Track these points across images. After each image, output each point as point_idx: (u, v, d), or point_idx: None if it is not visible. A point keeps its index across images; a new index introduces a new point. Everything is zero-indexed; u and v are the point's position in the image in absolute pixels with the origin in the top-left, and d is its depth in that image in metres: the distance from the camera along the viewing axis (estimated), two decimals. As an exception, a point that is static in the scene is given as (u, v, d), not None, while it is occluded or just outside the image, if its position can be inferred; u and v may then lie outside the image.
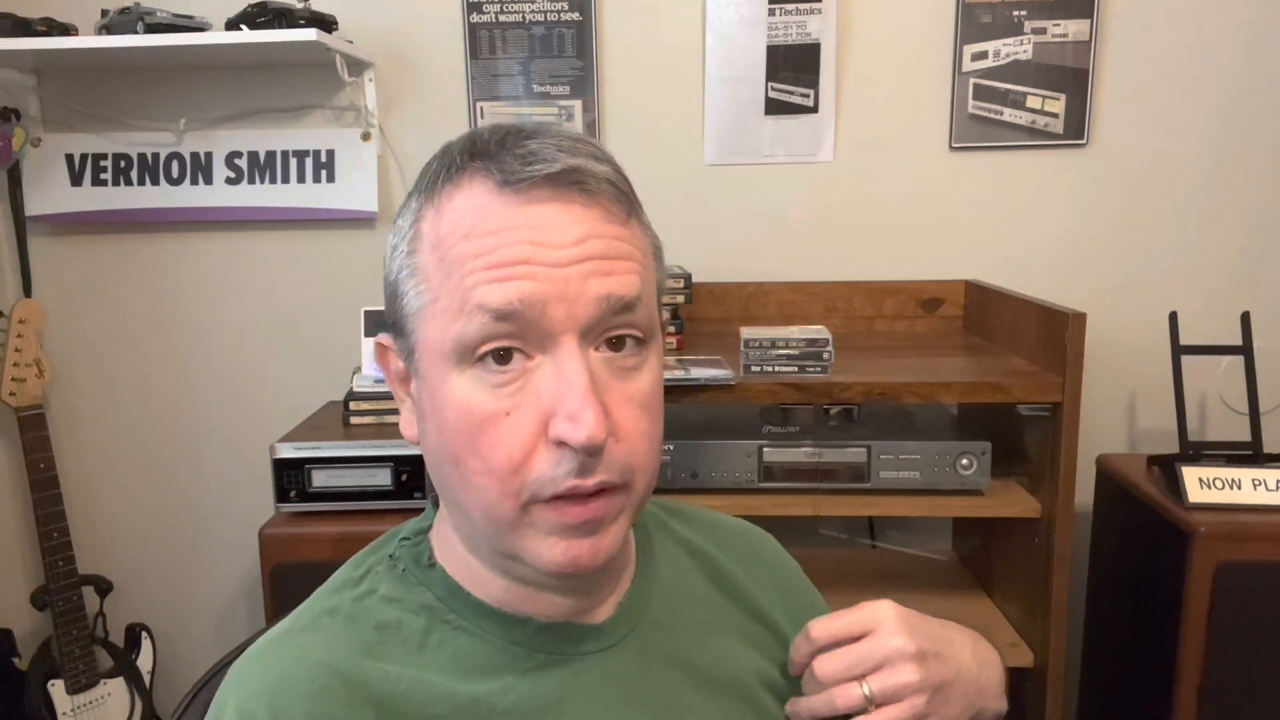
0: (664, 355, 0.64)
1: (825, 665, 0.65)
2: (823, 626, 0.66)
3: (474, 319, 0.54)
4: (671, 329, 1.69)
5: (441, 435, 0.58)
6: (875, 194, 1.93)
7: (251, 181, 1.95)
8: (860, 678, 0.64)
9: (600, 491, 0.56)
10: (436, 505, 0.67)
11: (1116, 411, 1.96)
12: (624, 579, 0.68)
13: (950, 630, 0.68)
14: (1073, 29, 1.84)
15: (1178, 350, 1.63)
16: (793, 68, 1.88)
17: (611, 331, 0.57)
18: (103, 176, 1.95)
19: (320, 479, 1.54)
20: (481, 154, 0.57)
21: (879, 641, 0.64)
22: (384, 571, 0.65)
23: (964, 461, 1.50)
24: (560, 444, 0.54)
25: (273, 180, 1.95)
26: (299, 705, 0.55)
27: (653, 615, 0.67)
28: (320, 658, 0.58)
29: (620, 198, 0.58)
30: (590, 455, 0.54)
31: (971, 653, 0.67)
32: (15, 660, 1.94)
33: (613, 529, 0.59)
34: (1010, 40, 1.85)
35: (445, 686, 0.59)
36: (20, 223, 1.97)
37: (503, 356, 0.55)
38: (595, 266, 0.55)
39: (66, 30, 1.73)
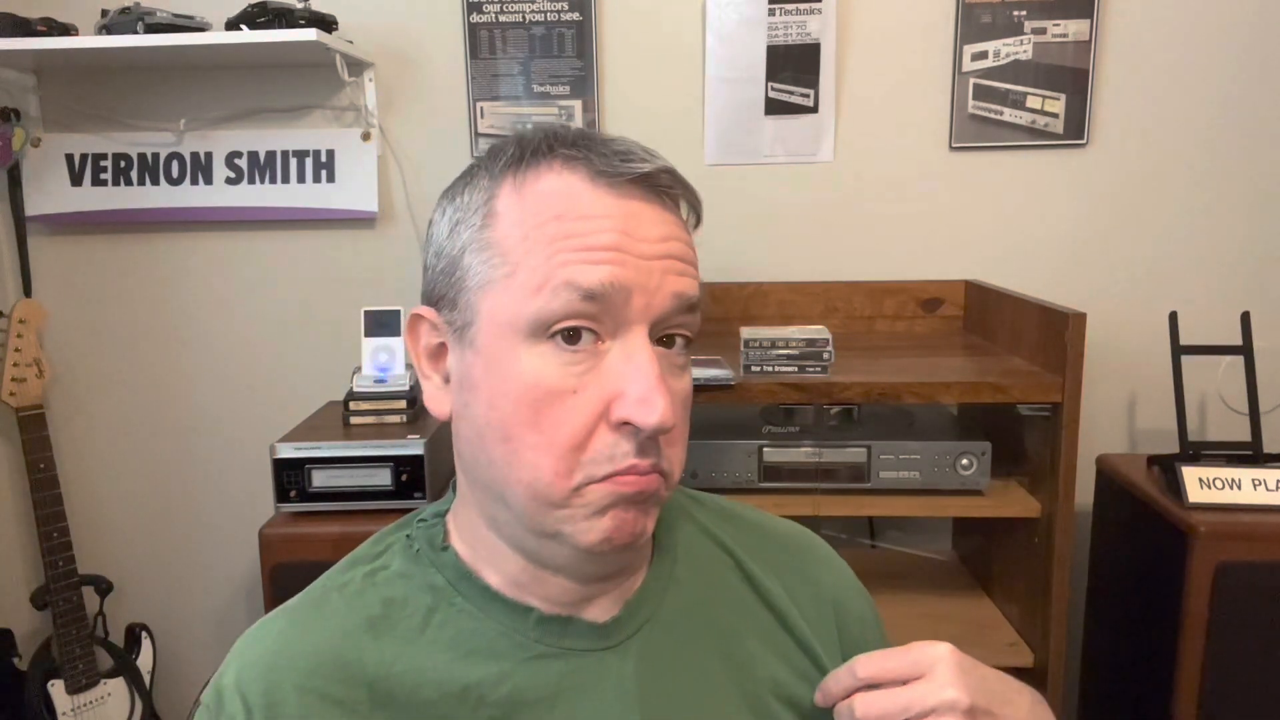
0: None
1: (867, 705, 0.60)
2: (871, 665, 0.61)
3: (559, 295, 0.56)
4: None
5: (495, 409, 0.58)
6: (875, 194, 1.93)
7: (251, 181, 1.95)
8: None
9: (652, 473, 0.58)
10: (455, 490, 0.68)
11: (1116, 411, 1.97)
12: (635, 578, 0.67)
13: (1009, 687, 0.62)
14: (1073, 29, 1.84)
15: (1178, 350, 1.63)
16: (793, 68, 1.88)
17: (671, 329, 0.60)
18: (103, 176, 1.95)
19: (320, 479, 1.54)
20: (569, 145, 0.60)
21: (930, 689, 0.58)
22: (399, 550, 0.67)
23: (964, 461, 1.50)
24: (622, 426, 0.56)
25: (273, 180, 1.95)
26: (292, 679, 0.59)
27: (663, 617, 0.67)
28: (320, 634, 0.61)
29: (695, 207, 0.63)
30: (653, 439, 0.57)
31: (1028, 715, 0.61)
32: (15, 660, 1.94)
33: (654, 512, 0.61)
34: (1010, 40, 1.85)
35: (440, 671, 0.60)
36: (20, 223, 1.97)
37: (572, 336, 0.57)
38: (673, 265, 0.59)
39: (66, 30, 1.73)
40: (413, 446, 1.54)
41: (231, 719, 0.59)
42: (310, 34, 1.65)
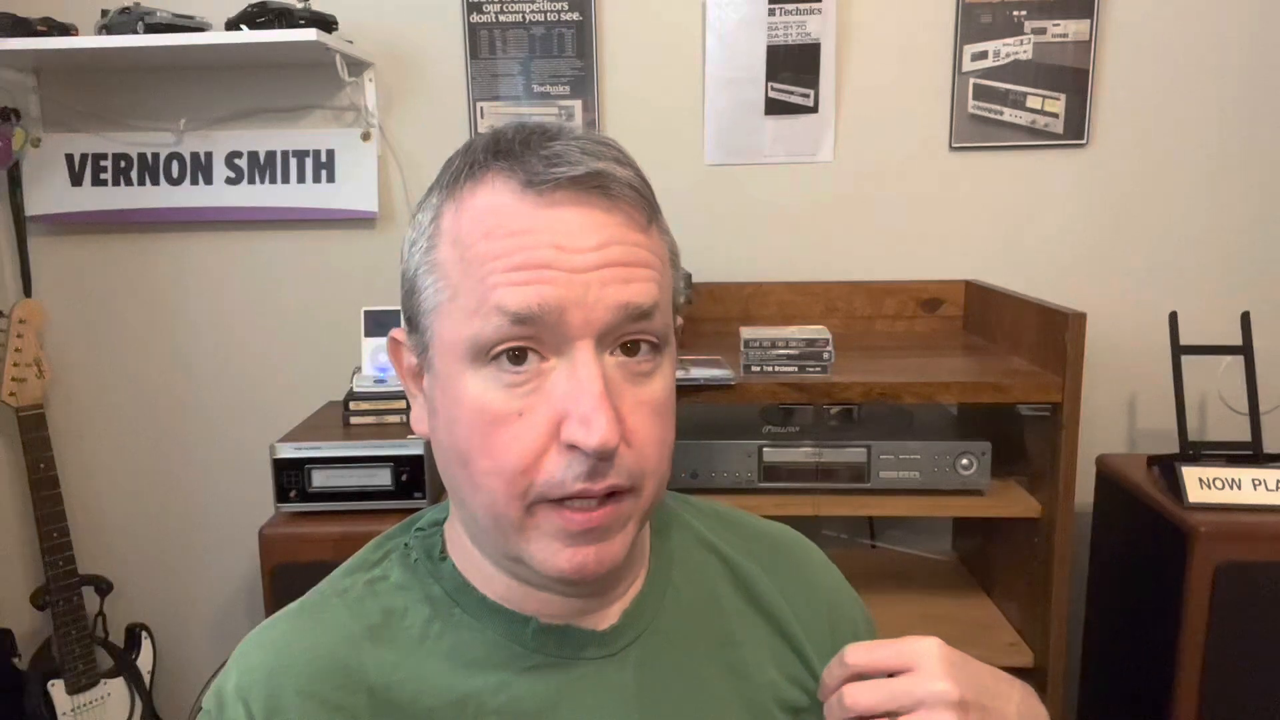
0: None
1: (856, 695, 0.58)
2: (859, 653, 0.60)
3: (491, 320, 0.54)
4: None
5: (452, 433, 0.58)
6: (875, 194, 1.93)
7: (251, 181, 1.95)
8: (892, 715, 0.57)
9: (609, 496, 0.56)
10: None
11: (1116, 411, 1.96)
12: (633, 584, 0.67)
13: (999, 681, 0.61)
14: (1073, 29, 1.84)
15: (1178, 350, 1.63)
16: (793, 68, 1.88)
17: (627, 337, 0.57)
18: (103, 176, 1.95)
19: (320, 479, 1.54)
20: (505, 153, 0.57)
21: (920, 682, 0.57)
22: (398, 559, 0.66)
23: (964, 461, 1.50)
24: (571, 447, 0.54)
25: (273, 180, 1.95)
26: (293, 684, 0.59)
27: (662, 624, 0.66)
28: (321, 640, 0.61)
29: (642, 203, 0.58)
30: (602, 460, 0.54)
31: (1018, 709, 0.60)
32: (15, 660, 1.94)
33: (620, 536, 0.59)
34: (1010, 40, 1.85)
35: (440, 679, 0.60)
36: (20, 223, 1.97)
37: (517, 357, 0.55)
38: (615, 274, 0.55)
39: (66, 30, 1.73)
40: (413, 446, 1.54)
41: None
42: (310, 34, 1.65)
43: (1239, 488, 1.50)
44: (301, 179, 1.94)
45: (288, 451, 1.53)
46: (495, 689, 0.60)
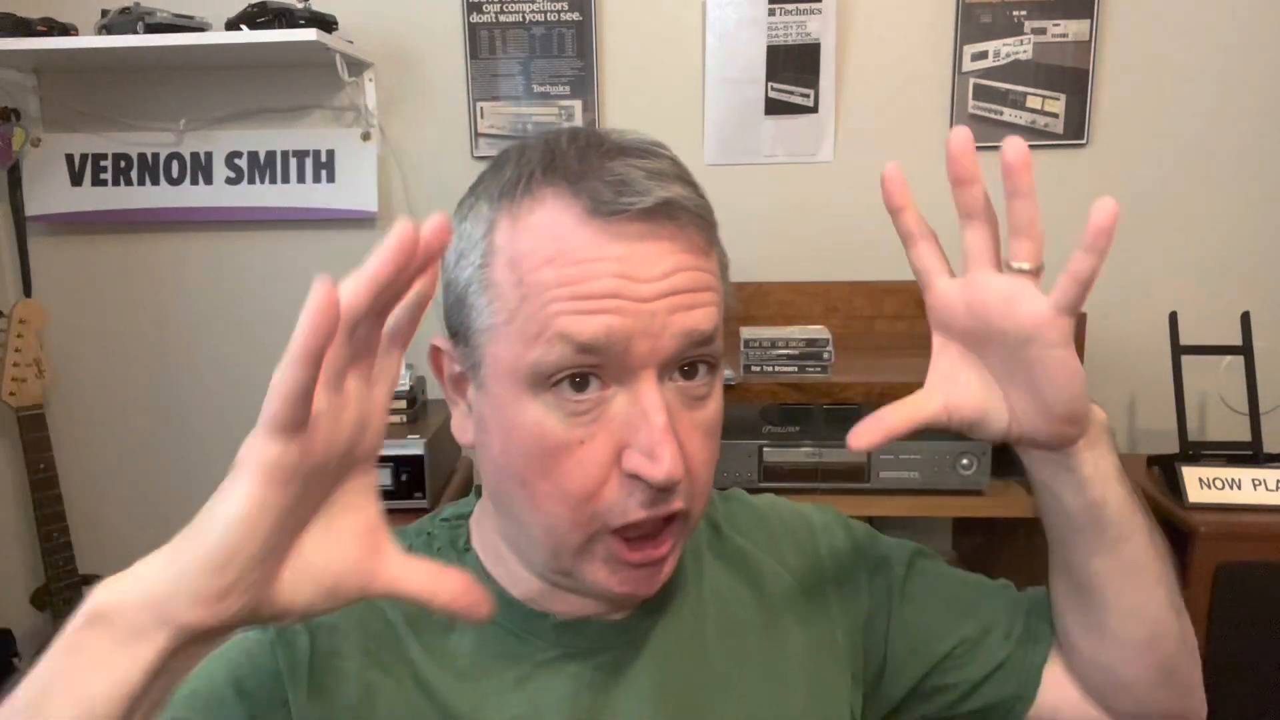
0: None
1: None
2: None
3: (554, 348, 0.53)
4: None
5: (508, 454, 0.58)
6: (875, 194, 1.92)
7: (251, 181, 1.95)
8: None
9: (668, 521, 0.57)
10: (479, 494, 0.68)
11: (1116, 411, 1.96)
12: None
13: None
14: (1073, 29, 1.84)
15: (1178, 350, 1.63)
16: (793, 68, 1.88)
17: (686, 362, 0.57)
18: (103, 176, 1.95)
19: (320, 479, 1.53)
20: (564, 171, 0.55)
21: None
22: (422, 549, 0.67)
23: (964, 461, 1.50)
24: (634, 476, 0.54)
25: (273, 180, 1.95)
26: (357, 638, 0.62)
27: (678, 613, 0.67)
28: (378, 613, 0.64)
29: (704, 227, 0.58)
30: (665, 491, 0.55)
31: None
32: (15, 660, 1.94)
33: (671, 557, 0.60)
34: (1010, 40, 1.85)
35: (465, 668, 0.62)
36: (20, 223, 1.97)
37: (579, 383, 0.54)
38: (680, 301, 0.55)
39: (66, 30, 1.73)
40: (413, 446, 1.54)
41: (295, 646, 0.60)
42: (310, 34, 1.65)
43: (1239, 488, 1.50)
44: (301, 179, 1.94)
45: (288, 451, 1.53)
46: (516, 680, 0.62)
